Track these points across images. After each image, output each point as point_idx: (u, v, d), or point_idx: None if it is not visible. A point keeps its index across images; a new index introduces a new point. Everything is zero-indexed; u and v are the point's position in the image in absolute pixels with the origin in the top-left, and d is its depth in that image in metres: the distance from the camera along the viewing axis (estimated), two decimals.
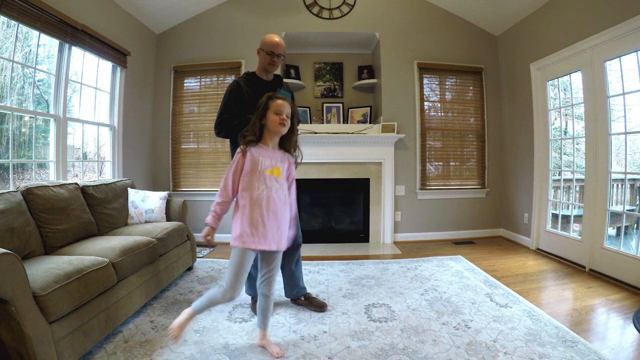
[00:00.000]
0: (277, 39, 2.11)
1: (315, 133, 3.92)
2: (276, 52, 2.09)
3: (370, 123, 4.31)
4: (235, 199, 1.67)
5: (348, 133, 3.98)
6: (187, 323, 1.70)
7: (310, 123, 4.25)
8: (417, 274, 2.92)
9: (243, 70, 4.09)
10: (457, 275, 2.87)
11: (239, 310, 2.23)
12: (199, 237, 3.82)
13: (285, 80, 2.38)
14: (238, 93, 2.07)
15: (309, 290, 2.43)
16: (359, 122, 4.35)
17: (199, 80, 4.24)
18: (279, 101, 1.66)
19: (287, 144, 1.74)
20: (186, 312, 1.70)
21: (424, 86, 4.27)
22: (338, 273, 2.96)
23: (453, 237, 4.28)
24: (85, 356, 1.68)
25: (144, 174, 4.05)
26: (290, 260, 2.25)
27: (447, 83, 4.34)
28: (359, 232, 4.18)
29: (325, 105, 4.43)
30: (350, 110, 4.44)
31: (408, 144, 4.17)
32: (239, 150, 1.66)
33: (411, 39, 4.21)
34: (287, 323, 2.06)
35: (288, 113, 1.67)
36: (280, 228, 1.66)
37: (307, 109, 4.35)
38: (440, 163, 4.32)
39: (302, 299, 2.31)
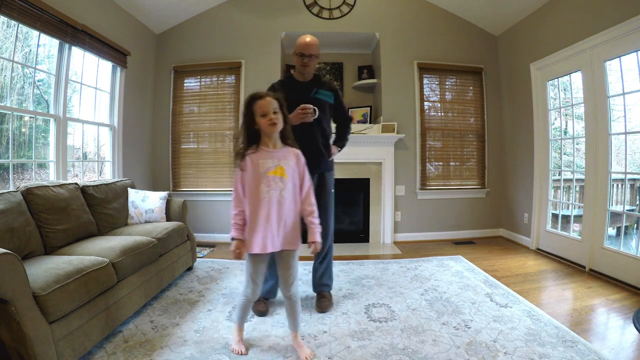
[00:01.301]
0: (308, 39, 2.06)
1: None
2: (305, 52, 2.05)
3: (370, 123, 4.31)
4: None
5: None
6: (239, 336, 1.79)
7: None
8: (417, 274, 2.92)
9: (243, 71, 4.12)
10: (457, 275, 2.87)
11: None
12: (199, 237, 3.83)
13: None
14: None
15: (309, 290, 2.43)
16: (359, 122, 4.35)
17: (199, 80, 4.24)
18: (260, 102, 1.58)
19: (285, 134, 1.66)
20: (233, 328, 1.83)
21: (424, 86, 4.27)
22: (338, 273, 2.96)
23: (453, 237, 4.28)
24: (85, 356, 1.68)
25: (144, 174, 4.05)
26: (316, 258, 2.31)
27: (447, 83, 4.34)
28: (359, 232, 4.18)
29: None
30: (350, 110, 4.44)
31: (408, 144, 4.17)
32: (238, 163, 1.62)
33: (411, 39, 4.21)
34: (287, 323, 2.06)
35: (275, 109, 1.58)
36: (287, 228, 1.63)
37: None
38: (440, 163, 4.32)
39: (317, 295, 2.34)
